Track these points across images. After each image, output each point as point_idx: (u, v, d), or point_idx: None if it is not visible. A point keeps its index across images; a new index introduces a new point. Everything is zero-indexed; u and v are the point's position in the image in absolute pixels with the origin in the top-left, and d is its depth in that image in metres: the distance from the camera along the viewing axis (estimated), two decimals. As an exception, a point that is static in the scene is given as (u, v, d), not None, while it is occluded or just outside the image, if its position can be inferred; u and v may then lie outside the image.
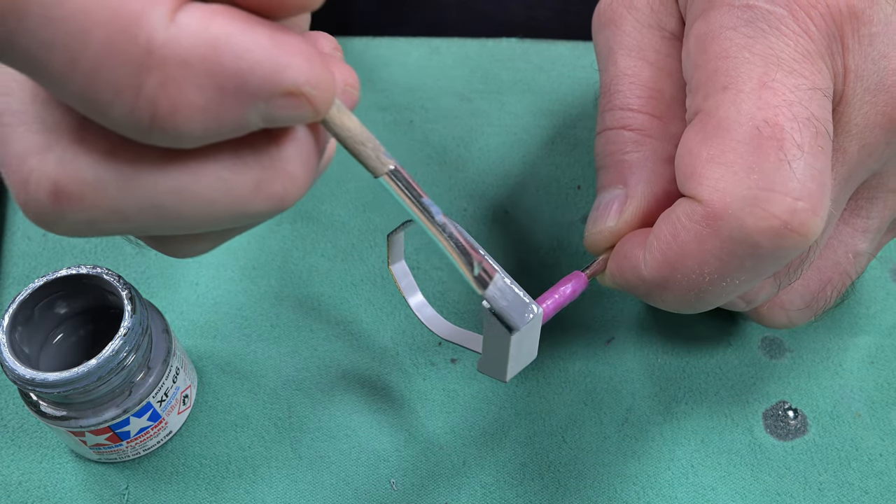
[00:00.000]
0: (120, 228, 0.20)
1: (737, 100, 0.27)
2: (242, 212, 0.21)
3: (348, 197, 0.44)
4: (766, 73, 0.27)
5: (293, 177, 0.21)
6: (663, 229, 0.29)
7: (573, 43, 0.50)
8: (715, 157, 0.27)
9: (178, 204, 0.20)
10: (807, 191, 0.26)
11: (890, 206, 0.33)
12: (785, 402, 0.38)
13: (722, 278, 0.28)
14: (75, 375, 0.31)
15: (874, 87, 0.29)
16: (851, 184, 0.31)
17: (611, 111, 0.33)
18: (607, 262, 0.32)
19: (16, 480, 0.36)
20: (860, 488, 0.36)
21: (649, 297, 0.30)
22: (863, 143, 0.29)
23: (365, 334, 0.40)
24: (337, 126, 0.22)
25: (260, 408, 0.38)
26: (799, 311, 0.35)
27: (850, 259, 0.33)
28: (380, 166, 0.23)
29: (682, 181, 0.28)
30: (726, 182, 0.27)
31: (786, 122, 0.26)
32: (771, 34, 0.28)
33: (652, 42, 0.33)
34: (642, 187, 0.32)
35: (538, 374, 0.39)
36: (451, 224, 0.25)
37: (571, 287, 0.31)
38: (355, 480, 0.36)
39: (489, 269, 0.26)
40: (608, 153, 0.33)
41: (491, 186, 0.45)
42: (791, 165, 0.26)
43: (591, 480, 0.36)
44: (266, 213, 0.21)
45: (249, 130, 0.20)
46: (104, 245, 0.43)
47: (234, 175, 0.20)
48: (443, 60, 0.49)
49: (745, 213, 0.26)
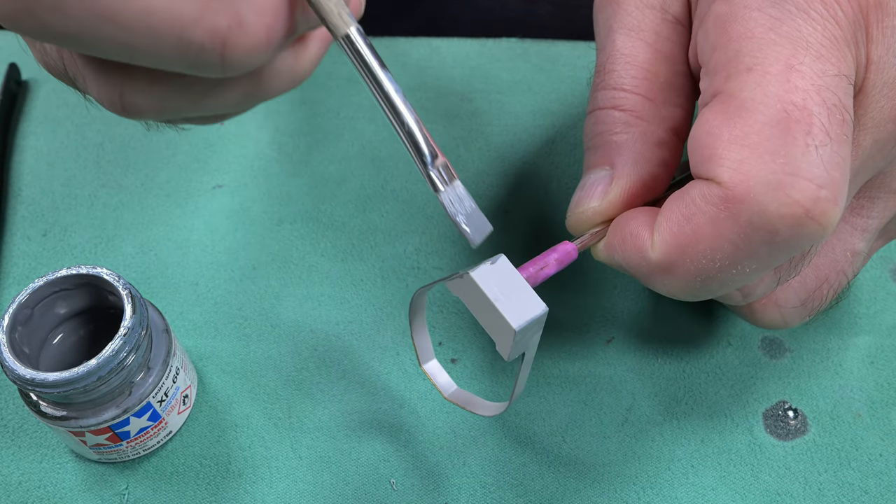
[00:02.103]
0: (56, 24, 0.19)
1: (763, 81, 0.26)
2: (181, 37, 0.20)
3: (348, 197, 0.44)
4: (793, 55, 0.26)
5: (242, 22, 0.20)
6: (675, 210, 0.28)
7: (573, 42, 0.50)
8: (738, 138, 0.26)
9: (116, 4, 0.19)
10: (831, 179, 0.26)
11: (890, 208, 0.33)
12: (785, 402, 0.38)
13: (733, 265, 0.27)
14: (75, 375, 0.31)
15: (893, 81, 0.28)
16: (859, 179, 0.30)
17: (603, 90, 0.32)
18: (598, 236, 0.32)
19: (16, 480, 0.36)
20: (860, 488, 0.36)
21: (650, 280, 0.30)
22: (875, 137, 0.29)
23: (365, 334, 0.40)
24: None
25: (260, 408, 0.38)
26: (794, 310, 0.34)
27: (847, 258, 0.33)
28: (341, 24, 0.21)
29: (698, 162, 0.27)
30: (750, 164, 0.26)
31: (814, 107, 0.26)
32: (798, 17, 0.27)
33: (653, 23, 0.32)
34: (629, 169, 0.31)
35: (538, 374, 0.39)
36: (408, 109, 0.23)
37: (557, 256, 0.31)
38: (355, 480, 0.36)
39: (450, 170, 0.24)
40: (597, 133, 0.32)
41: (491, 186, 0.45)
42: (818, 151, 0.25)
43: (591, 480, 0.36)
44: (206, 54, 0.20)
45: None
46: (104, 245, 0.43)
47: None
48: (443, 60, 0.49)
49: (769, 197, 0.25)
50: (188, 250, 0.43)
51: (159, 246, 0.43)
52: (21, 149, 0.46)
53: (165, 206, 0.44)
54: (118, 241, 0.43)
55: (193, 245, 0.43)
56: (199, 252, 0.42)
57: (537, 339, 0.30)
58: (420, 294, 0.32)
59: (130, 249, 0.43)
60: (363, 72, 0.22)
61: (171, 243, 0.43)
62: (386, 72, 0.22)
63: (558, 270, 0.31)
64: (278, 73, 0.23)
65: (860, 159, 0.29)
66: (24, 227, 0.43)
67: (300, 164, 0.45)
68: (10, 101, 0.48)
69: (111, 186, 0.45)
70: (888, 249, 0.43)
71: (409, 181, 0.45)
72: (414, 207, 0.44)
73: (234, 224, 0.43)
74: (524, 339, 0.29)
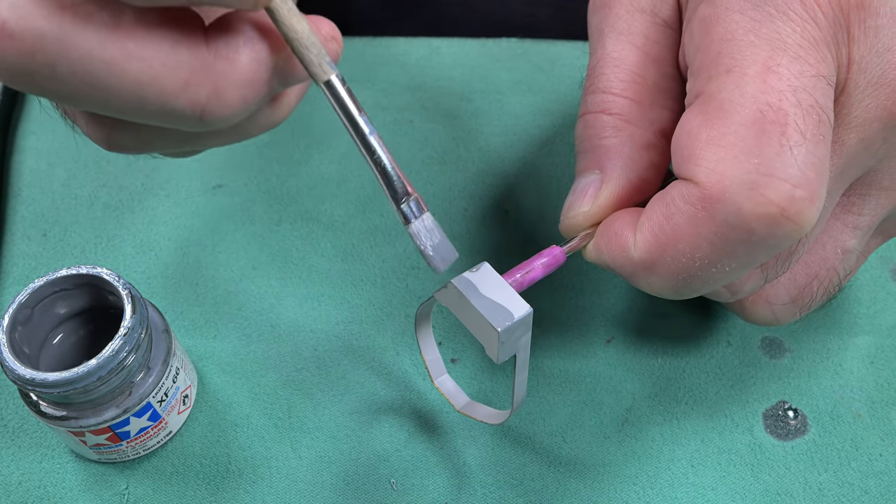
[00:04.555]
0: (52, 88, 0.21)
1: (741, 82, 0.27)
2: (164, 106, 0.22)
3: (348, 197, 0.44)
4: (771, 57, 0.27)
5: (219, 92, 0.22)
6: (656, 210, 0.28)
7: (573, 43, 0.50)
8: (715, 139, 0.27)
9: (109, 77, 0.21)
10: (806, 179, 0.26)
11: (882, 205, 0.33)
12: (785, 402, 0.38)
13: (712, 264, 0.28)
14: (75, 375, 0.31)
15: (876, 81, 0.29)
16: (846, 178, 0.30)
17: (592, 94, 0.33)
18: (588, 238, 0.32)
19: (16, 480, 0.36)
20: (860, 488, 0.36)
21: (634, 279, 0.30)
22: (861, 136, 0.29)
23: (365, 334, 0.40)
24: (284, 25, 0.22)
25: (260, 408, 0.38)
26: (784, 307, 0.34)
27: (838, 255, 0.33)
28: (321, 73, 0.23)
29: (678, 163, 0.28)
30: (725, 165, 0.26)
31: (790, 108, 0.26)
32: (778, 18, 0.27)
33: (642, 27, 0.33)
34: (618, 173, 0.32)
35: (538, 374, 0.39)
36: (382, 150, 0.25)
37: (545, 261, 0.31)
38: (355, 480, 0.36)
39: (420, 205, 0.26)
40: (587, 137, 0.33)
41: (491, 186, 0.45)
42: (793, 152, 0.26)
43: (591, 480, 0.36)
44: (187, 118, 0.22)
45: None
46: (104, 245, 0.43)
47: (165, 66, 0.21)
48: (443, 60, 0.49)
49: (743, 197, 0.26)
50: (188, 250, 0.43)
51: (159, 246, 0.43)
52: (21, 149, 0.46)
53: (165, 206, 0.44)
54: (118, 241, 0.43)
55: (193, 245, 0.43)
56: (199, 252, 0.42)
57: (528, 341, 0.30)
58: (423, 310, 0.33)
59: (130, 249, 0.43)
60: (341, 115, 0.24)
61: (171, 243, 0.43)
62: (362, 115, 0.25)
63: (546, 274, 0.31)
64: (255, 122, 0.25)
65: (845, 158, 0.29)
66: (24, 227, 0.43)
67: (300, 164, 0.45)
68: (10, 101, 0.48)
69: (111, 186, 0.45)
70: (888, 249, 0.43)
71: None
72: (414, 207, 0.44)
73: (234, 224, 0.43)
74: (511, 342, 0.29)
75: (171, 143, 0.25)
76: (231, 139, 0.26)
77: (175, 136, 0.25)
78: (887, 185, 0.32)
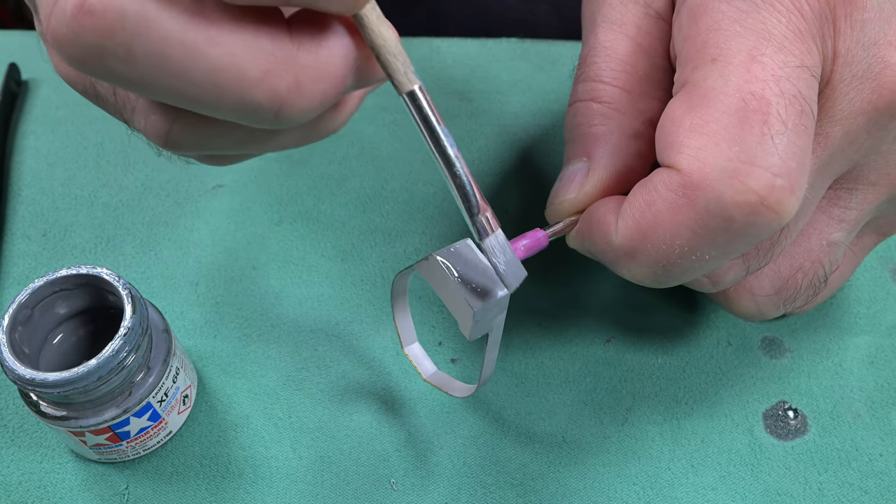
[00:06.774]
0: (122, 70, 0.20)
1: (725, 72, 0.27)
2: (243, 96, 0.21)
3: (348, 197, 0.44)
4: (756, 47, 0.27)
5: (300, 85, 0.21)
6: (638, 197, 0.29)
7: (573, 43, 0.50)
8: (697, 126, 0.27)
9: (186, 62, 0.20)
10: (786, 168, 0.26)
11: (869, 200, 0.33)
12: (785, 402, 0.38)
13: (692, 251, 0.28)
14: (75, 375, 0.31)
15: (861, 74, 0.29)
16: (830, 171, 0.30)
17: (583, 82, 0.33)
18: (572, 225, 0.32)
19: (16, 480, 0.36)
20: (860, 488, 0.36)
21: (616, 266, 0.30)
22: (845, 129, 0.29)
23: (365, 334, 0.40)
24: (373, 31, 0.22)
25: (260, 408, 0.38)
26: (767, 298, 0.34)
27: (823, 247, 0.33)
28: (406, 82, 0.23)
29: (661, 150, 0.28)
30: (707, 152, 0.26)
31: (772, 97, 0.26)
32: (764, 9, 0.28)
33: (635, 18, 0.33)
34: (605, 161, 0.32)
35: (538, 374, 0.39)
36: (461, 163, 0.25)
37: (527, 243, 0.31)
38: (355, 480, 0.36)
39: (493, 221, 0.26)
40: (575, 125, 0.33)
41: (491, 186, 0.45)
42: (774, 141, 0.26)
43: (591, 480, 0.36)
44: (263, 111, 0.21)
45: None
46: (104, 245, 0.43)
47: (246, 54, 0.20)
48: (443, 60, 0.49)
49: (724, 184, 0.26)
50: (188, 250, 0.43)
51: (159, 246, 0.43)
52: (21, 149, 0.46)
53: (165, 206, 0.44)
54: (118, 241, 0.43)
55: (193, 245, 0.43)
56: (199, 252, 0.42)
57: (501, 321, 0.31)
58: (399, 278, 0.33)
59: (130, 249, 0.43)
60: (422, 126, 0.24)
61: (171, 243, 0.43)
62: (443, 127, 0.24)
63: (527, 257, 0.31)
64: (317, 127, 0.24)
65: (830, 150, 0.29)
66: (24, 227, 0.43)
67: (300, 164, 0.45)
68: (10, 101, 0.48)
69: (111, 186, 0.45)
70: (888, 250, 0.43)
71: (408, 181, 0.45)
72: (414, 207, 0.44)
73: (234, 224, 0.43)
74: (486, 321, 0.30)
75: (231, 142, 0.24)
76: (291, 142, 0.25)
77: (239, 134, 0.24)
78: (874, 180, 0.32)
